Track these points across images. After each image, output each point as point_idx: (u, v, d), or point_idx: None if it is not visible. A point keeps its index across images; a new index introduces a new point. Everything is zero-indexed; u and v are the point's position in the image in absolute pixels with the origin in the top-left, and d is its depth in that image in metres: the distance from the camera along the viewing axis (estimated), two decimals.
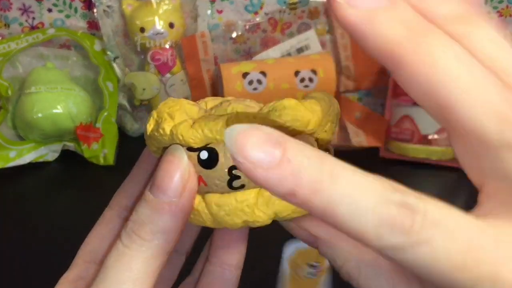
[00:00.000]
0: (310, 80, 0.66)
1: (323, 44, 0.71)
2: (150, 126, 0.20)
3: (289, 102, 0.19)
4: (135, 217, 0.21)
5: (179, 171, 0.20)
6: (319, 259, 0.25)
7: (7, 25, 0.69)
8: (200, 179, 0.19)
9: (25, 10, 0.69)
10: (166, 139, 0.19)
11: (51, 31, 0.67)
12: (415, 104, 0.64)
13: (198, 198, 0.20)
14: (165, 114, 0.20)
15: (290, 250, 0.25)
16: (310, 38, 0.70)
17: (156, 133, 0.20)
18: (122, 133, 0.69)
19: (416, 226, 0.14)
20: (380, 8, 0.16)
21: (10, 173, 0.62)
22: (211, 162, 0.19)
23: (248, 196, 0.19)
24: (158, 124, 0.20)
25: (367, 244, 0.15)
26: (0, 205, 0.57)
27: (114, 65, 0.67)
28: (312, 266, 0.25)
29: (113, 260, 0.20)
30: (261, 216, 0.19)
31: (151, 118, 0.21)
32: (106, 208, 0.26)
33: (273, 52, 0.70)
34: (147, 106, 0.70)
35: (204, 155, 0.19)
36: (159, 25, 0.66)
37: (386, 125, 0.66)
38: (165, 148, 0.20)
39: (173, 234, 0.21)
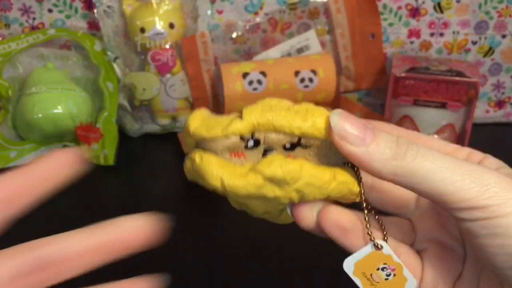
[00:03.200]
0: (310, 80, 0.66)
1: (323, 44, 0.71)
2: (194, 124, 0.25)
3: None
4: None
5: None
6: (384, 260, 0.25)
7: (7, 26, 0.69)
8: (242, 155, 0.25)
9: (25, 10, 0.69)
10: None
11: (51, 31, 0.67)
12: (415, 104, 0.64)
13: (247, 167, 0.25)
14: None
15: (349, 267, 0.25)
16: (310, 38, 0.70)
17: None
18: (122, 133, 0.69)
19: None
20: (369, 142, 0.22)
21: None
22: (253, 147, 0.25)
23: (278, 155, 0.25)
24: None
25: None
26: None
27: (114, 65, 0.67)
28: (383, 269, 0.25)
29: None
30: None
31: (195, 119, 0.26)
32: None
33: (273, 52, 0.70)
34: (147, 107, 0.70)
35: (251, 143, 0.25)
36: (159, 25, 0.66)
37: None
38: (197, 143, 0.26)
39: None
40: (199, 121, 0.25)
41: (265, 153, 0.25)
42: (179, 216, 0.56)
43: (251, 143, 0.24)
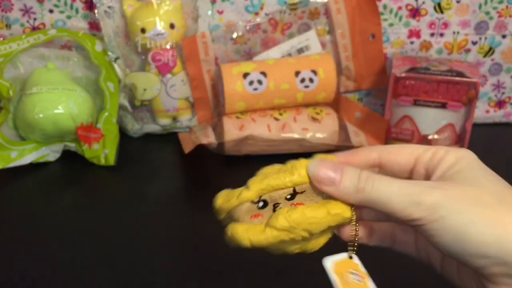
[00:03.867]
0: (311, 80, 0.66)
1: (323, 45, 0.71)
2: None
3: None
4: None
5: None
6: (355, 267, 0.32)
7: (8, 26, 0.69)
8: (259, 215, 0.32)
9: (26, 11, 0.69)
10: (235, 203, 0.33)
11: (52, 31, 0.67)
12: (415, 104, 0.65)
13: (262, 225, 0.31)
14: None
15: (329, 264, 0.32)
16: (311, 38, 0.70)
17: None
18: (122, 133, 0.69)
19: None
20: (338, 182, 0.30)
21: (12, 173, 0.62)
22: (264, 206, 0.32)
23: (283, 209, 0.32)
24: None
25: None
26: (1, 205, 0.58)
27: (115, 65, 0.68)
28: (353, 273, 0.32)
29: None
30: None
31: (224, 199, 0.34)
32: None
33: (274, 53, 0.70)
34: (148, 107, 0.70)
35: (261, 204, 0.32)
36: (160, 25, 0.66)
37: (386, 125, 0.67)
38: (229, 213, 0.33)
39: None
40: (222, 199, 0.33)
41: (274, 207, 0.32)
42: (179, 216, 0.56)
43: (260, 204, 0.32)
